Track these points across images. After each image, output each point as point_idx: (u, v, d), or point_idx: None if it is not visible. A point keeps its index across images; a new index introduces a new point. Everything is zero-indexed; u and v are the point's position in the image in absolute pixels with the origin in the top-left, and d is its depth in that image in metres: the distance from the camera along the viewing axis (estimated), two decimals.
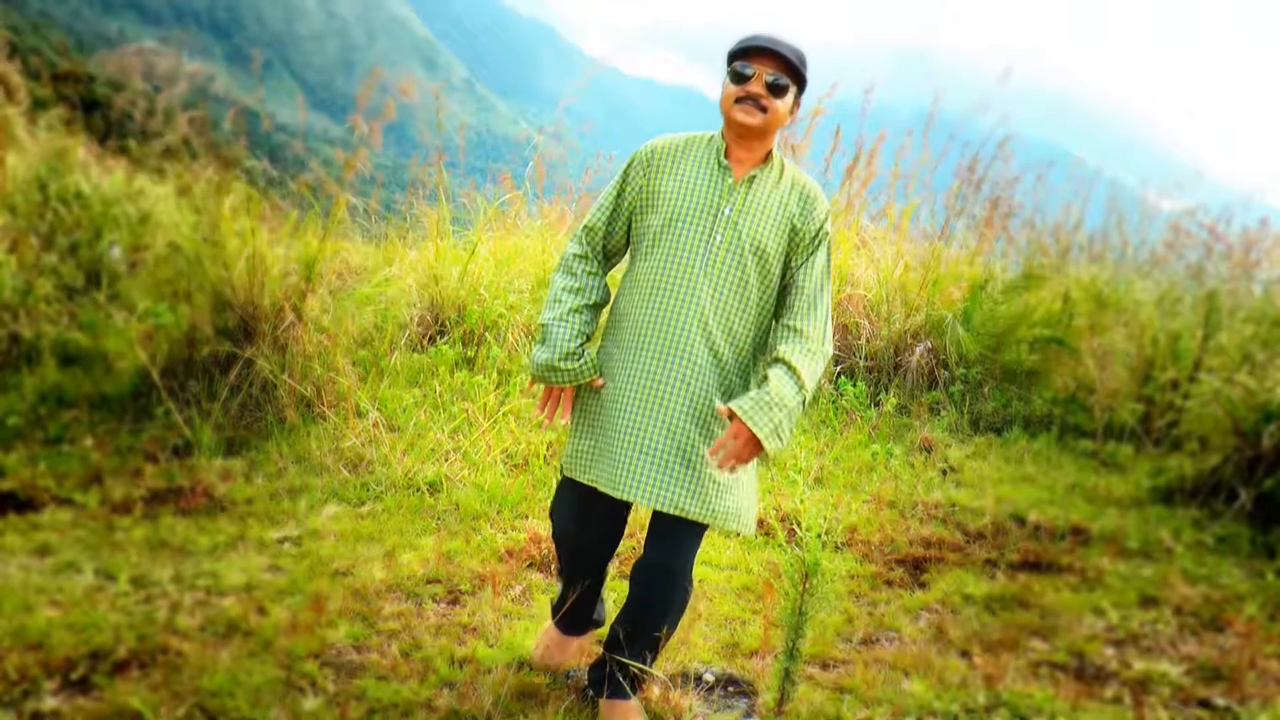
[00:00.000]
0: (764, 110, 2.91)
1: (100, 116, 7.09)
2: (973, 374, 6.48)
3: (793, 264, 3.05)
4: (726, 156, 3.03)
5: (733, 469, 2.81)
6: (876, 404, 6.39)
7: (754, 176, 3.01)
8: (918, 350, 6.55)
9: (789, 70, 2.92)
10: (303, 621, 3.56)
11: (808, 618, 3.13)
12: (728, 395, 2.97)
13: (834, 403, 6.32)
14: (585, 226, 3.13)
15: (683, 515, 2.88)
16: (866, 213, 7.66)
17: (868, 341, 6.72)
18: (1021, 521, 5.05)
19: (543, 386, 3.14)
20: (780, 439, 2.81)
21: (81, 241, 6.04)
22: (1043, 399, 6.40)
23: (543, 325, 3.08)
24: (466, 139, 7.67)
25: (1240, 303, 6.44)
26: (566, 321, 3.03)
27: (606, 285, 3.15)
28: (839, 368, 6.62)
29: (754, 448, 2.79)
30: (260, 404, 5.22)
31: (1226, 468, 5.25)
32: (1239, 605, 4.20)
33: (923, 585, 4.39)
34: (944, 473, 5.67)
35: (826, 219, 3.10)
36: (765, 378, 2.88)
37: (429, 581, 4.01)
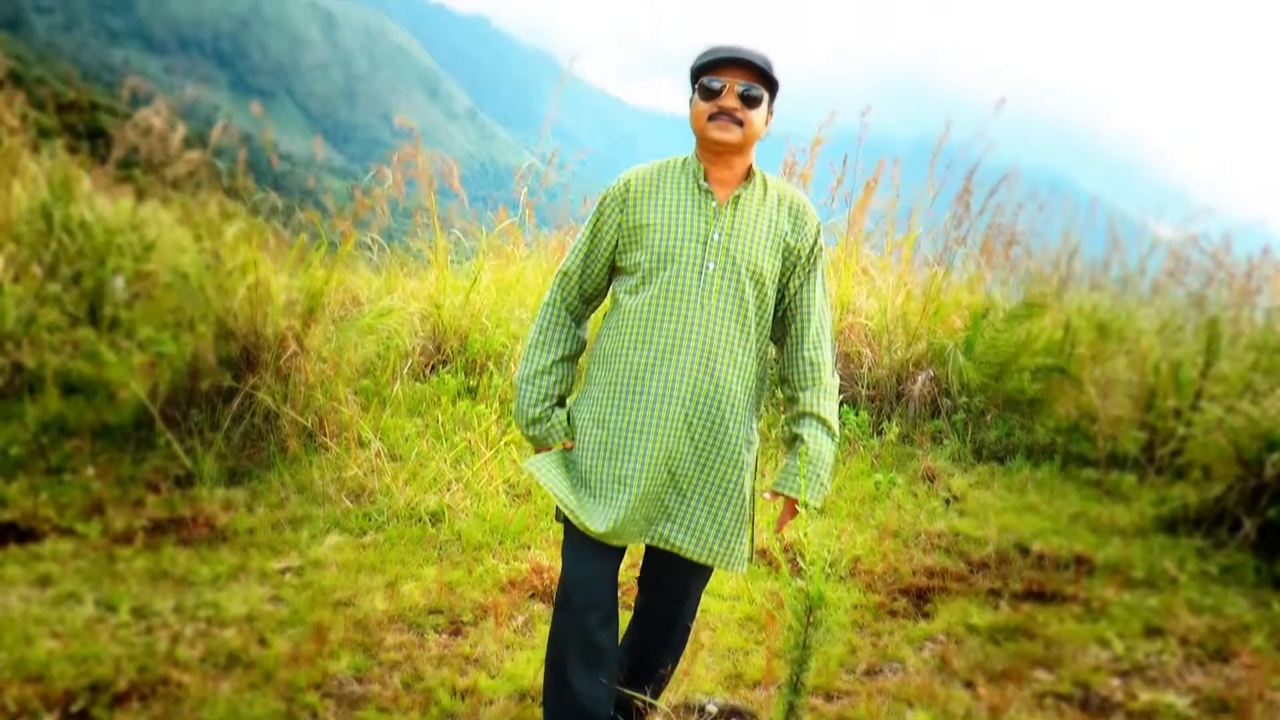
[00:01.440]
0: (740, 124, 2.76)
1: (105, 145, 7.13)
2: (975, 403, 6.48)
3: (791, 285, 2.92)
4: (706, 179, 2.86)
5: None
6: (879, 433, 6.39)
7: (739, 196, 2.84)
8: (920, 379, 6.55)
9: (760, 77, 2.77)
10: (304, 652, 3.55)
11: (811, 649, 3.12)
12: (738, 428, 2.82)
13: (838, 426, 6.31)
14: (561, 272, 2.96)
15: (701, 561, 2.80)
16: (867, 241, 7.67)
17: (870, 370, 6.72)
18: (1025, 551, 5.03)
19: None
20: (824, 491, 2.86)
21: (85, 271, 6.05)
22: (1045, 428, 6.40)
23: (516, 383, 2.96)
24: (469, 168, 7.70)
25: (1242, 330, 6.44)
26: (533, 383, 2.89)
27: (582, 334, 3.00)
28: (841, 397, 6.62)
29: (794, 511, 2.88)
30: (262, 434, 5.22)
31: (1230, 497, 5.23)
32: (1245, 636, 4.18)
33: (926, 615, 4.37)
34: (947, 502, 5.66)
35: (819, 232, 2.97)
36: (799, 438, 2.84)
37: (431, 612, 4.00)
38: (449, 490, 5.08)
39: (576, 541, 2.83)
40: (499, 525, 4.81)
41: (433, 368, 6.37)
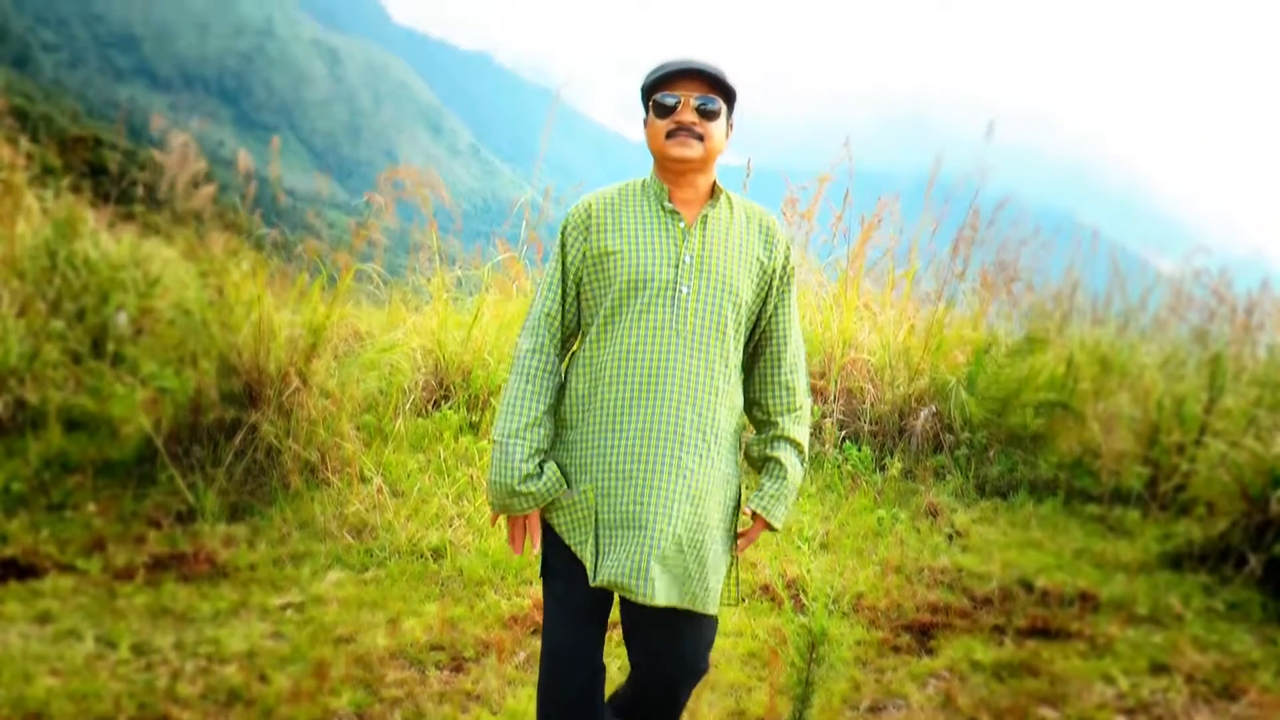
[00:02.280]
0: (700, 138, 2.60)
1: (109, 181, 7.17)
2: (978, 438, 6.47)
3: (766, 307, 2.79)
4: (670, 199, 2.69)
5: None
6: (882, 468, 6.38)
7: (706, 216, 2.69)
8: (922, 414, 6.54)
9: (717, 88, 2.62)
10: (305, 689, 3.53)
11: (815, 686, 3.10)
12: (724, 461, 2.67)
13: (839, 467, 6.30)
14: (541, 314, 2.72)
15: (703, 611, 2.59)
16: (868, 276, 7.69)
17: (872, 406, 6.71)
18: (1029, 587, 5.01)
19: (505, 517, 2.70)
20: (788, 514, 2.81)
21: (88, 307, 6.07)
22: (1048, 463, 6.38)
23: (495, 442, 2.65)
24: (471, 204, 7.75)
25: (1244, 366, 6.44)
26: (523, 438, 2.61)
27: (561, 379, 2.78)
28: (843, 432, 6.61)
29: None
30: (264, 469, 5.22)
31: (1235, 533, 5.22)
32: (1252, 673, 4.16)
33: (930, 652, 4.35)
34: (950, 538, 5.64)
35: (789, 251, 2.84)
36: (776, 460, 2.76)
37: (432, 648, 3.98)
38: (451, 526, 5.06)
39: (564, 603, 2.68)
40: (501, 561, 4.80)
41: (435, 403, 6.37)
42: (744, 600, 4.68)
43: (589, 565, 2.59)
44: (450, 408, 6.21)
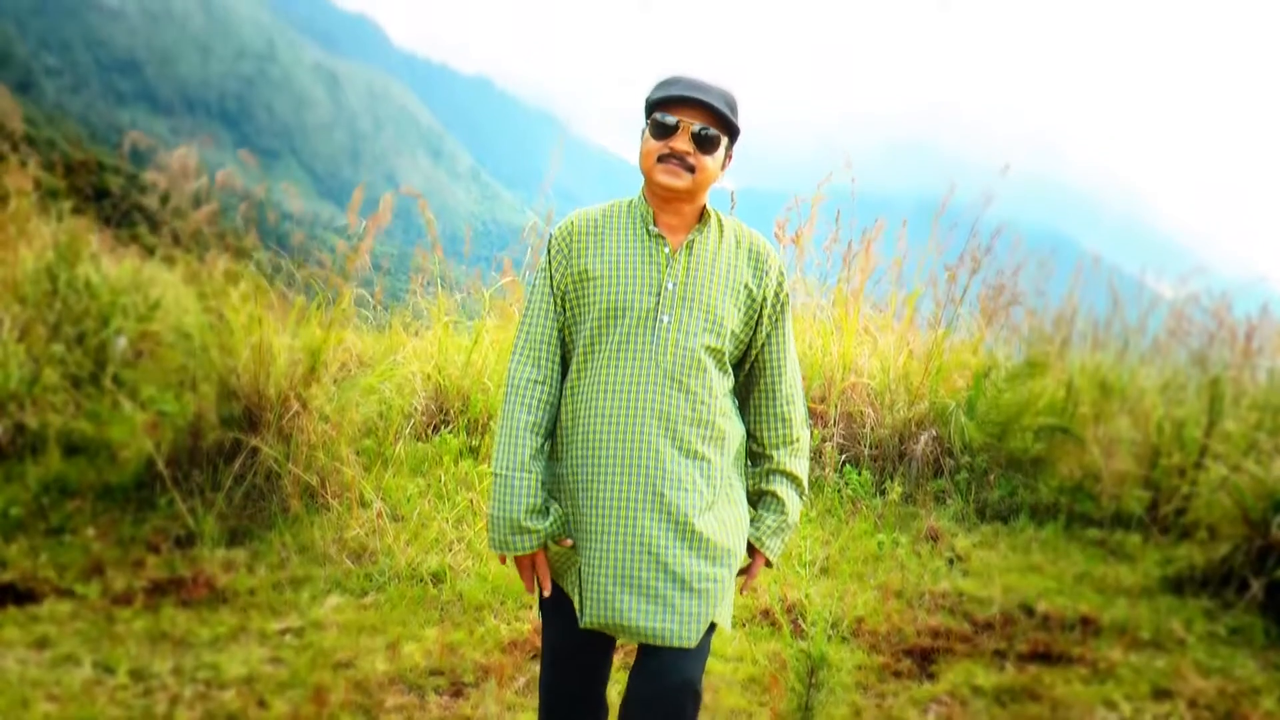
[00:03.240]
0: (691, 170, 2.49)
1: (111, 205, 7.19)
2: (978, 462, 6.46)
3: (758, 336, 2.67)
4: (655, 223, 2.58)
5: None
6: (882, 493, 6.37)
7: (692, 241, 2.58)
8: (922, 439, 6.54)
9: (718, 120, 2.50)
10: (304, 715, 3.52)
11: (815, 711, 3.09)
12: (716, 496, 2.55)
13: (839, 492, 6.29)
14: (536, 339, 2.61)
15: (688, 646, 2.47)
16: (867, 301, 7.70)
17: (872, 430, 6.71)
18: (1030, 611, 5.00)
19: (511, 558, 2.58)
20: (782, 548, 2.74)
21: (89, 331, 6.08)
22: (1049, 487, 6.38)
23: (497, 476, 2.53)
24: (472, 227, 7.77)
25: (1244, 389, 6.44)
26: (528, 471, 2.50)
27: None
28: (843, 456, 6.61)
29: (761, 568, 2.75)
30: (264, 494, 5.21)
31: (1237, 557, 5.21)
32: (1255, 699, 4.14)
33: (931, 676, 4.33)
34: (951, 562, 5.63)
35: (783, 277, 2.71)
36: (772, 494, 2.68)
37: (432, 673, 3.97)
38: (451, 550, 5.05)
39: (561, 643, 2.63)
40: (501, 585, 4.79)
41: (435, 427, 6.37)
42: (743, 625, 4.67)
43: (576, 606, 2.53)
44: (450, 432, 6.20)
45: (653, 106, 2.55)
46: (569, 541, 2.54)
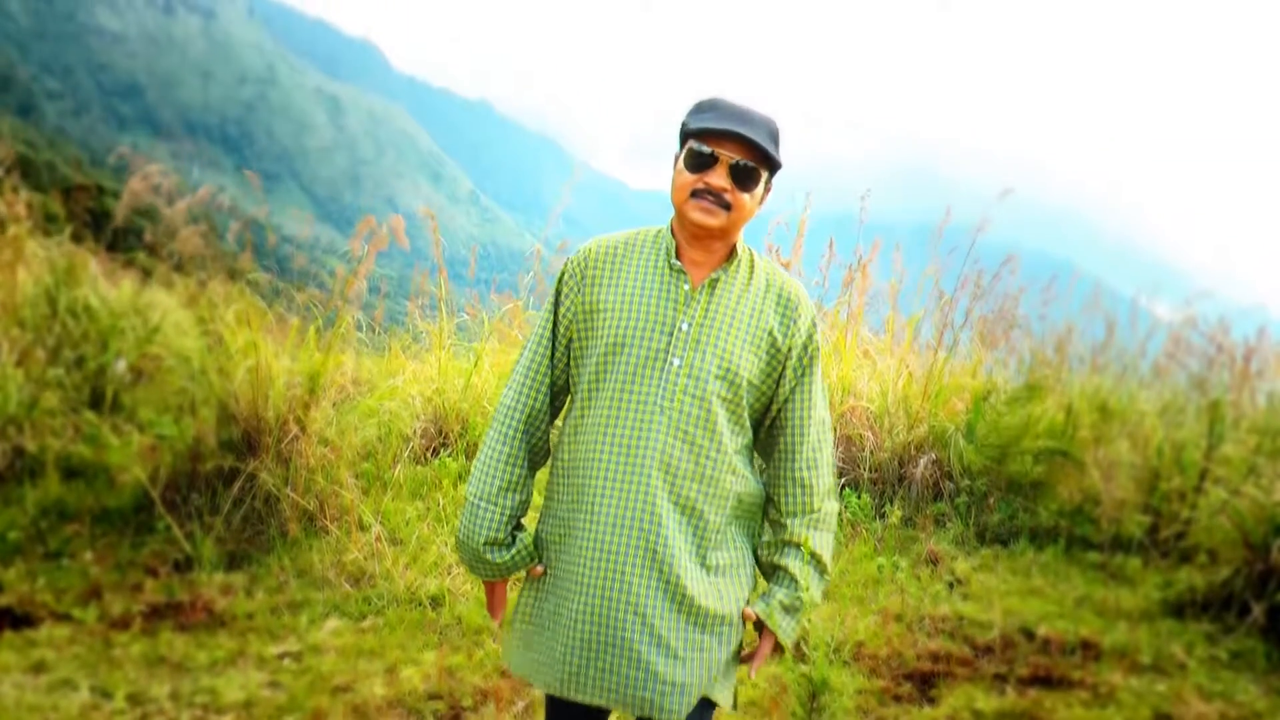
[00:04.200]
0: (727, 207, 2.28)
1: (110, 229, 7.21)
2: (978, 486, 6.46)
3: (780, 391, 2.44)
4: (678, 256, 2.38)
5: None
6: (881, 516, 6.36)
7: (716, 280, 2.36)
8: (922, 462, 6.53)
9: (759, 154, 2.28)
10: None
11: None
12: (714, 560, 2.37)
13: (839, 515, 6.29)
14: (524, 367, 2.47)
15: None
16: (867, 324, 7.71)
17: (871, 453, 6.70)
18: (1030, 635, 4.98)
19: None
20: (795, 634, 2.43)
21: (88, 355, 6.08)
22: (1049, 511, 6.37)
23: (467, 500, 2.44)
24: (470, 251, 7.79)
25: (1244, 413, 6.44)
26: (494, 504, 2.39)
27: (549, 443, 2.52)
28: (843, 480, 6.60)
29: (774, 652, 2.44)
30: (262, 517, 5.20)
31: (1237, 581, 5.19)
32: None
33: (932, 700, 4.32)
34: (951, 585, 5.61)
35: (814, 329, 2.47)
36: (784, 569, 2.41)
37: (431, 697, 3.95)
38: (450, 574, 5.04)
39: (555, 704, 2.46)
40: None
41: (434, 451, 6.36)
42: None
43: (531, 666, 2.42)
44: (449, 455, 6.20)
45: (689, 134, 2.32)
46: (539, 570, 2.42)
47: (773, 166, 2.35)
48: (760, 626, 2.42)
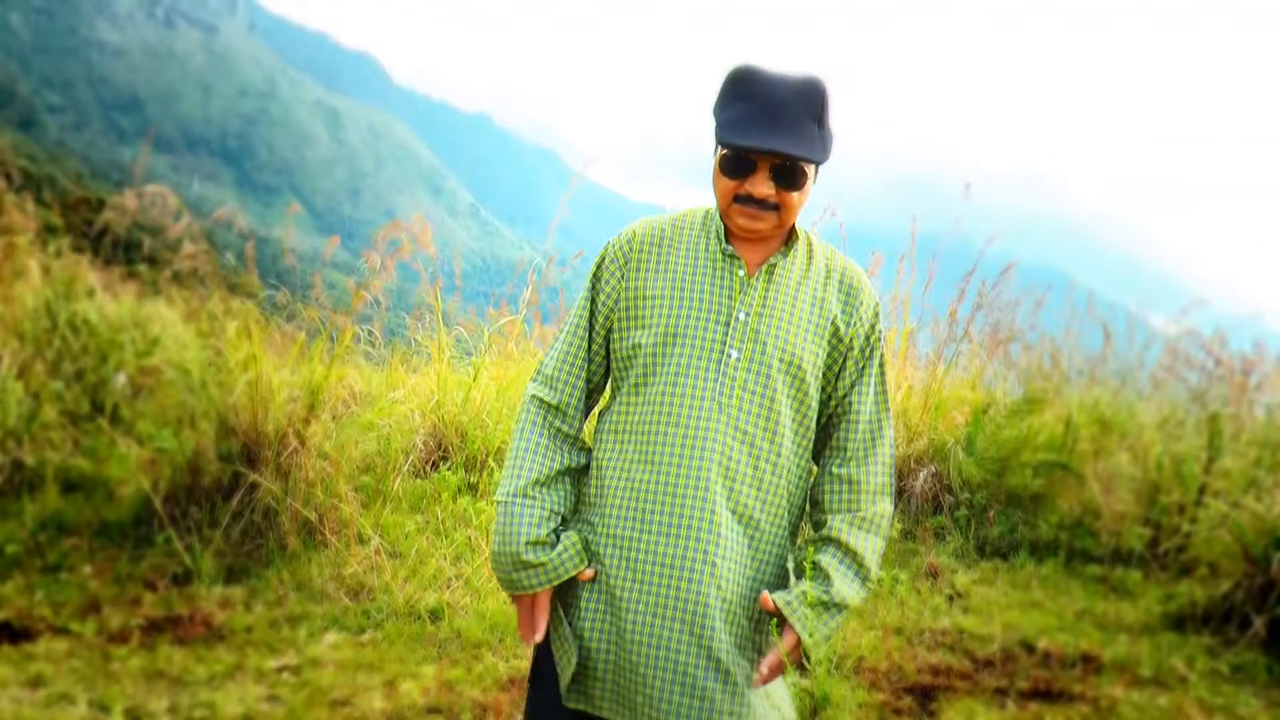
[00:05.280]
0: (775, 208, 2.09)
1: (110, 242, 7.22)
2: (977, 499, 6.45)
3: (840, 384, 2.24)
4: (729, 240, 2.19)
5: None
6: None
7: (774, 265, 2.17)
8: (922, 475, 6.53)
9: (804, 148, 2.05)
10: None
11: None
12: (767, 573, 2.18)
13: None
14: (558, 359, 2.28)
15: None
16: None
17: None
18: (1031, 649, 4.97)
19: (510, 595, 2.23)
20: (826, 640, 2.16)
21: (87, 368, 6.08)
22: (1049, 524, 6.36)
23: (499, 503, 2.20)
24: (471, 264, 7.79)
25: (1243, 426, 6.44)
26: (533, 499, 2.17)
27: (584, 442, 2.30)
28: None
29: (799, 654, 2.15)
30: (262, 531, 5.19)
31: (1238, 594, 5.19)
32: None
33: (932, 714, 4.30)
34: (951, 599, 5.61)
35: (877, 316, 2.30)
36: (818, 565, 2.16)
37: (430, 711, 3.94)
38: (449, 587, 5.03)
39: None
40: (499, 622, 4.76)
41: (433, 464, 6.35)
42: None
43: (564, 680, 2.19)
44: (448, 469, 6.19)
45: (727, 129, 2.06)
46: (589, 573, 2.16)
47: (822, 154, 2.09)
48: (782, 623, 2.15)
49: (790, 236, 2.21)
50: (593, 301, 2.27)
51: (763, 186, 2.07)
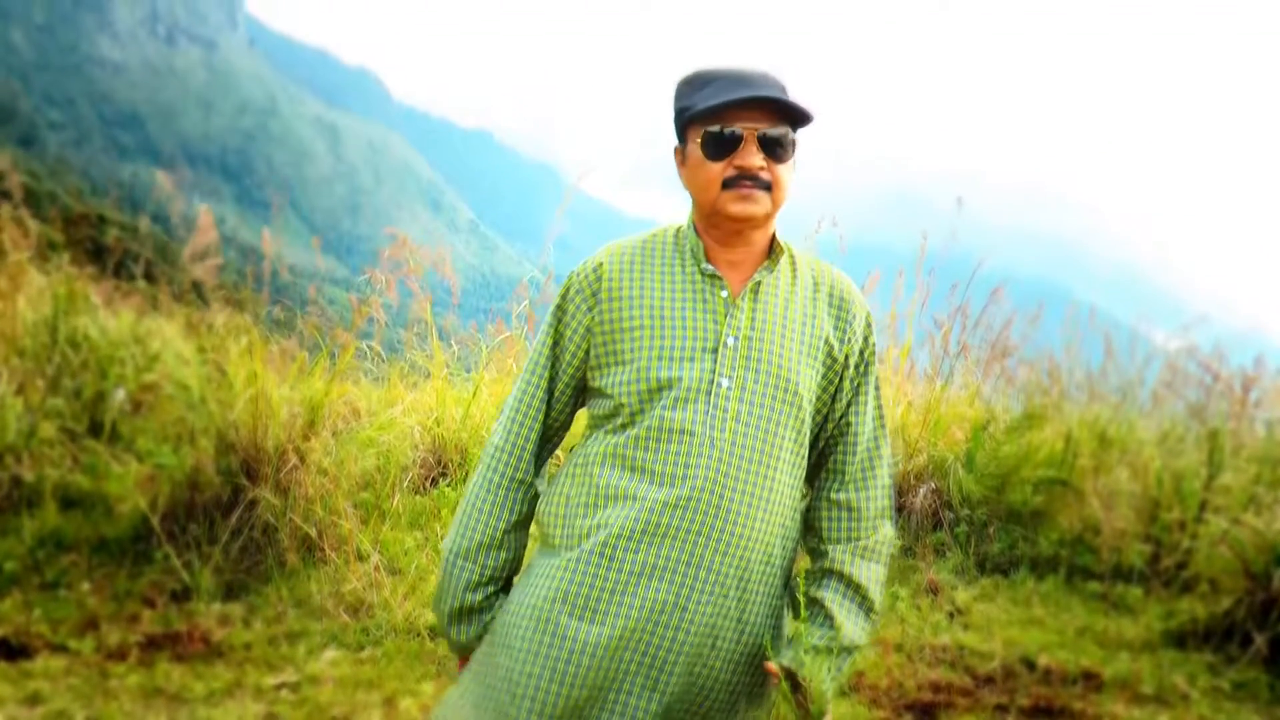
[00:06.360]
0: (768, 188, 1.96)
1: (110, 257, 7.23)
2: (977, 515, 6.44)
3: (837, 404, 2.12)
4: (708, 258, 2.05)
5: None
6: None
7: (759, 283, 2.03)
8: (921, 491, 6.52)
9: (786, 114, 1.97)
10: None
11: None
12: (756, 615, 2.02)
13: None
14: (515, 401, 2.13)
15: None
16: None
17: None
18: (1032, 665, 4.96)
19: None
20: (838, 683, 2.01)
21: (87, 384, 6.08)
22: (1049, 540, 6.35)
23: (442, 558, 2.12)
24: (471, 280, 7.80)
25: (1243, 442, 6.43)
26: (473, 561, 2.07)
27: (537, 488, 2.16)
28: None
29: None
30: (261, 547, 5.19)
31: (1239, 610, 5.17)
32: None
33: None
34: (951, 615, 5.59)
35: (870, 329, 2.17)
36: (819, 605, 2.03)
37: None
38: None
39: None
40: None
41: (433, 480, 6.35)
42: None
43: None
44: (448, 485, 6.18)
45: (697, 118, 1.99)
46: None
47: (802, 122, 2.01)
48: (793, 680, 1.97)
49: (773, 250, 2.08)
50: (556, 338, 2.12)
51: (754, 158, 1.94)
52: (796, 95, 1.95)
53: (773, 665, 1.97)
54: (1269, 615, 5.04)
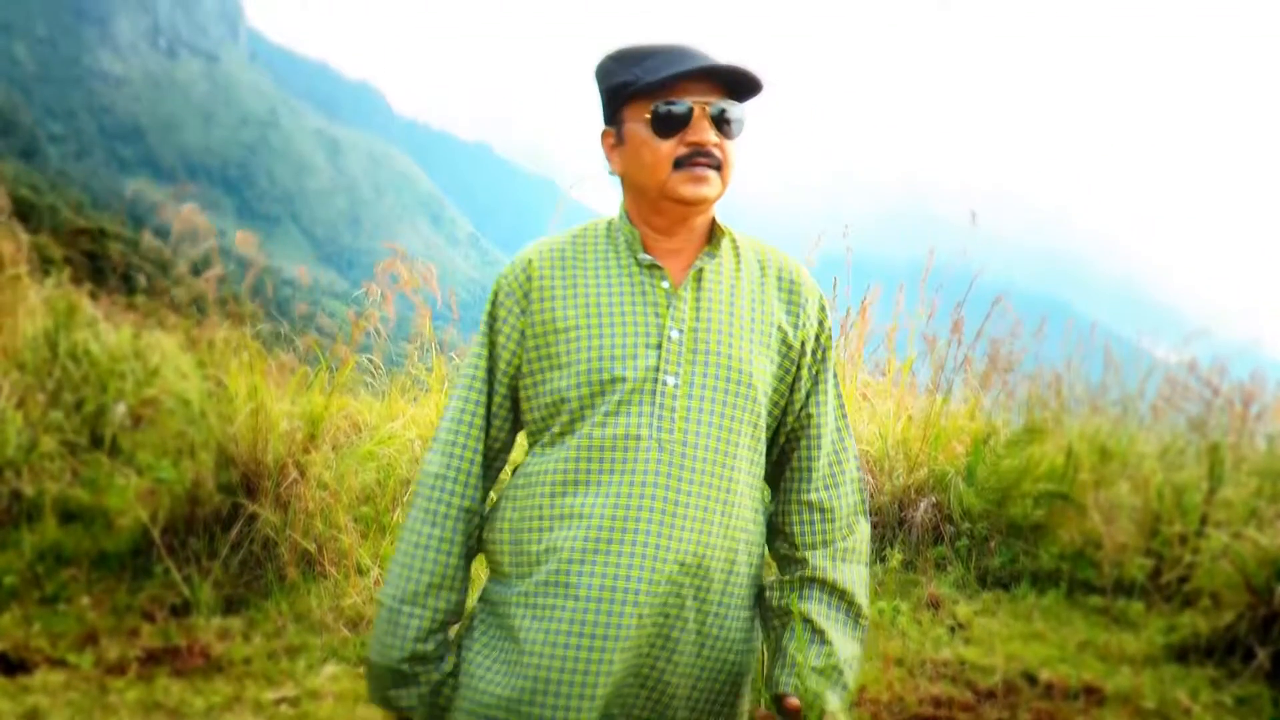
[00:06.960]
0: (718, 167, 1.82)
1: (111, 271, 7.24)
2: (978, 529, 6.43)
3: (796, 395, 1.95)
4: (645, 248, 1.88)
5: None
6: (881, 560, 6.33)
7: (701, 271, 1.88)
8: (922, 505, 6.51)
9: (734, 86, 1.83)
10: None
11: None
12: (735, 632, 1.91)
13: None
14: (451, 423, 1.95)
15: None
16: (865, 367, 7.70)
17: (871, 497, 6.68)
18: (1033, 680, 4.95)
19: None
20: (844, 696, 1.86)
21: (87, 398, 6.08)
22: (1050, 554, 6.34)
23: (381, 606, 1.93)
24: (470, 293, 7.80)
25: (1244, 455, 6.43)
26: (422, 606, 1.89)
27: (484, 512, 2.00)
28: None
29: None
30: (261, 561, 5.18)
31: (1241, 625, 5.16)
32: None
33: None
34: (952, 630, 5.58)
35: (825, 313, 2.01)
36: (804, 618, 1.89)
37: None
38: None
39: None
40: None
41: None
42: None
43: None
44: None
45: (638, 92, 1.82)
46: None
47: (751, 92, 1.86)
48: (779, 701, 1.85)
49: (713, 234, 1.93)
50: (490, 348, 1.94)
51: (706, 133, 1.80)
52: (755, 72, 1.81)
53: (793, 700, 1.81)
54: (1271, 629, 5.03)
